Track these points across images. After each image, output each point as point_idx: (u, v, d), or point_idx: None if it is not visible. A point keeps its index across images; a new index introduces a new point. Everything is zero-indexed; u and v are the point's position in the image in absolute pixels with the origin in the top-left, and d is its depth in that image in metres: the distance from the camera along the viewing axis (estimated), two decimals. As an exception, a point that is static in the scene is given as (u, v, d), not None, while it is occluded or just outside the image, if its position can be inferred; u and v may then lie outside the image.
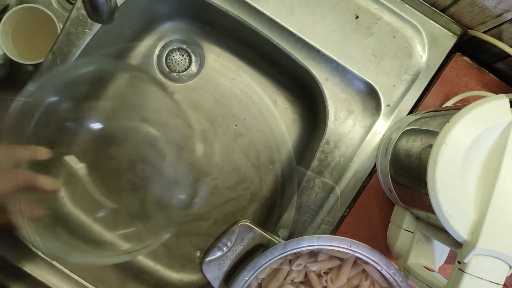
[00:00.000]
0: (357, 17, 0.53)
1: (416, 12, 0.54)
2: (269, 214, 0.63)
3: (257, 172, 0.58)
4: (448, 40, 0.54)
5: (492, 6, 0.47)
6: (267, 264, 0.42)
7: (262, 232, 0.45)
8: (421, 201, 0.41)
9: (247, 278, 0.41)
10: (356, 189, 0.54)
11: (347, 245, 0.42)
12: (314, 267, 0.45)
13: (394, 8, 0.53)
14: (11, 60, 0.59)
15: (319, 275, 0.45)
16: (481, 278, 0.35)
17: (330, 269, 0.45)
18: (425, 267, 0.46)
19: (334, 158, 0.55)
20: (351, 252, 0.42)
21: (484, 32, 0.52)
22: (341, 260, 0.45)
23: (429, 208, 0.36)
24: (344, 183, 0.54)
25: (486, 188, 0.36)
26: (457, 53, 0.55)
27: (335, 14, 0.53)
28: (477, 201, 0.36)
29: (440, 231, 0.42)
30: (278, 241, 0.45)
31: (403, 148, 0.44)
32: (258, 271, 0.42)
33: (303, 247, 0.42)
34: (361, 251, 0.42)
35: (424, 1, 0.53)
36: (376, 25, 0.54)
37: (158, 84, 0.47)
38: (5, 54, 0.58)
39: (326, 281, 0.44)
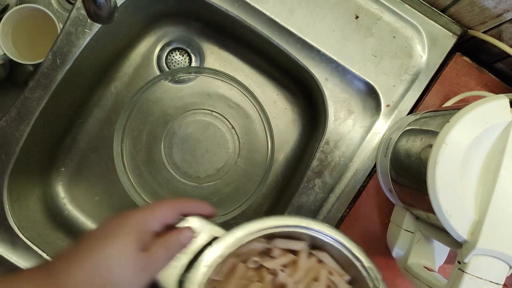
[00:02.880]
0: (357, 17, 0.53)
1: (416, 12, 0.54)
2: (269, 214, 0.63)
3: (257, 172, 0.58)
4: (448, 40, 0.54)
5: (492, 6, 0.47)
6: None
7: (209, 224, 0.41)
8: (421, 201, 0.41)
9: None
10: (356, 189, 0.54)
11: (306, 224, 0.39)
12: (269, 265, 0.42)
13: (394, 8, 0.53)
14: (11, 60, 0.59)
15: (274, 273, 0.42)
16: (481, 278, 0.35)
17: (285, 265, 0.43)
18: (425, 267, 0.46)
19: (334, 158, 0.55)
20: (323, 237, 0.40)
21: (484, 32, 0.52)
22: (295, 253, 0.43)
23: (429, 208, 0.36)
24: (344, 183, 0.54)
25: (486, 188, 0.36)
26: (457, 53, 0.55)
27: (335, 14, 0.53)
28: (477, 201, 0.36)
29: (440, 231, 0.42)
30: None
31: (403, 148, 0.44)
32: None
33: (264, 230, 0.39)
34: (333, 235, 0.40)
35: (424, 1, 0.53)
36: (376, 25, 0.54)
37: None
38: (5, 54, 0.58)
39: (282, 272, 0.41)
